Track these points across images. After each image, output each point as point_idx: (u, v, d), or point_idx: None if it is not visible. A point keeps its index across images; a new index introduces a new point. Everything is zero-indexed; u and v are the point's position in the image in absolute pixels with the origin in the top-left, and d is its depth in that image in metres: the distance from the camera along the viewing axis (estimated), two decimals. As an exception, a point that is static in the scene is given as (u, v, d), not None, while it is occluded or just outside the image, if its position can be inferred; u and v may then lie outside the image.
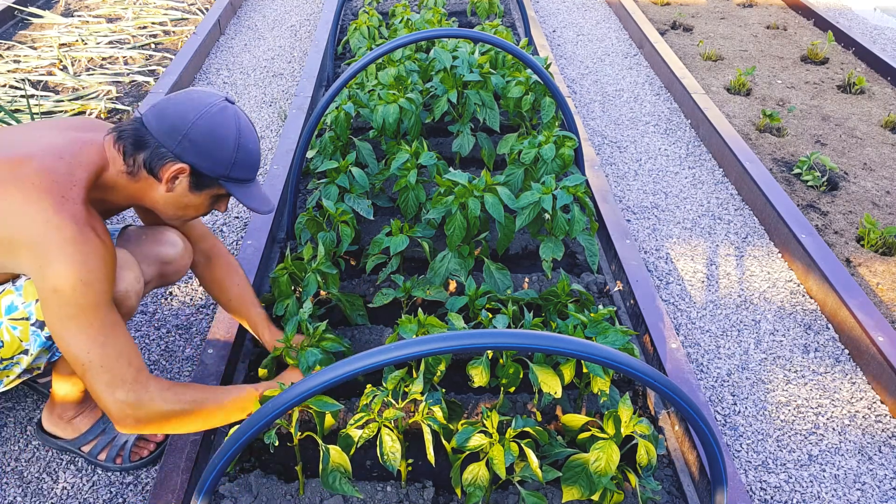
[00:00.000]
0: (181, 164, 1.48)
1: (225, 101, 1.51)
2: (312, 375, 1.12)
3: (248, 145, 1.53)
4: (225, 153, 1.49)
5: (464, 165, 3.05)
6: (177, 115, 1.46)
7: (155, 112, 1.48)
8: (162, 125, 1.46)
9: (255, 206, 1.59)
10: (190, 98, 1.49)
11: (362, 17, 3.56)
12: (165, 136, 1.45)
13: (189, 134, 1.45)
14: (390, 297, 2.08)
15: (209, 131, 1.47)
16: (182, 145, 1.46)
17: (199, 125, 1.46)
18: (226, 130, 1.49)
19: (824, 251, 2.55)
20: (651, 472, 1.52)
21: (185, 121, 1.45)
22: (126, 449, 1.83)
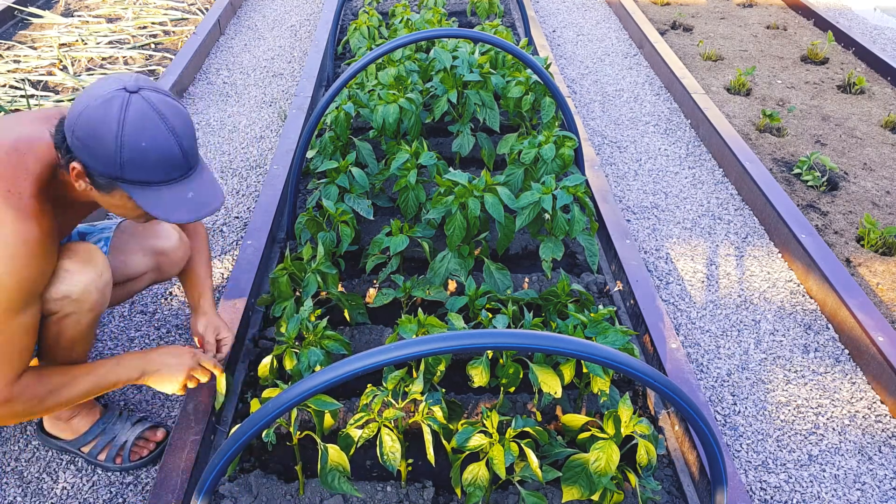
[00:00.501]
0: (77, 162, 1.34)
1: (120, 91, 1.31)
2: (312, 375, 1.12)
3: (139, 143, 1.30)
4: (107, 151, 1.30)
5: (464, 165, 3.05)
6: (72, 109, 1.32)
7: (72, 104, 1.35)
8: (67, 119, 1.34)
9: (157, 213, 1.36)
10: (89, 91, 1.33)
11: (362, 17, 3.56)
12: (66, 131, 1.33)
13: (75, 130, 1.31)
14: (390, 297, 2.08)
15: (89, 126, 1.29)
16: (73, 143, 1.32)
17: (83, 118, 1.30)
18: (105, 126, 1.28)
19: (824, 251, 2.55)
20: (651, 472, 1.52)
21: (73, 114, 1.31)
22: (126, 449, 1.83)
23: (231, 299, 2.19)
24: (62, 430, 1.82)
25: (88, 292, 1.53)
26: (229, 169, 3.15)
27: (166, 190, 1.37)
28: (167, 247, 1.80)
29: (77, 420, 1.82)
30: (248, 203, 2.93)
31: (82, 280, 1.51)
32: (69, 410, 1.80)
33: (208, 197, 1.42)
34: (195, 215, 1.39)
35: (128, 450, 1.83)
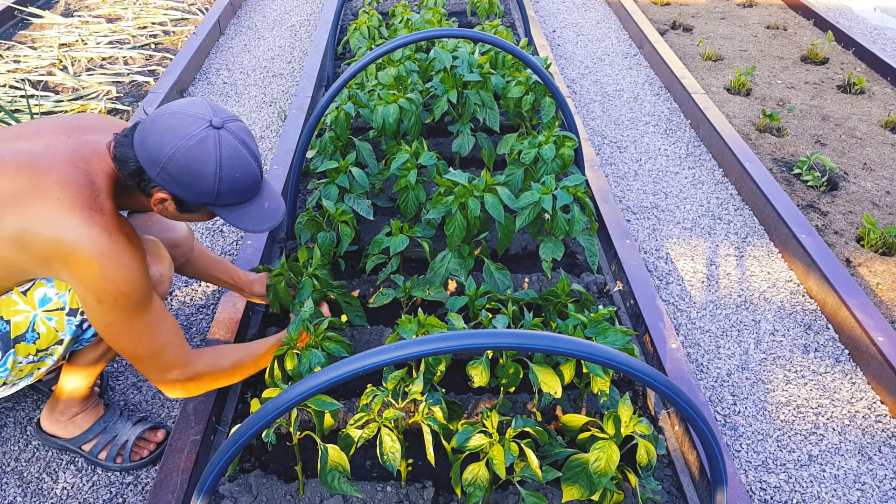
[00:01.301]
0: (163, 192, 1.46)
1: (208, 129, 1.42)
2: (312, 375, 1.12)
3: (234, 175, 1.45)
4: (205, 186, 1.43)
5: (464, 165, 3.05)
6: (156, 144, 1.40)
7: (140, 135, 1.43)
8: (143, 153, 1.42)
9: (246, 226, 1.54)
10: (171, 126, 1.41)
11: (362, 18, 3.56)
12: (146, 164, 1.42)
13: (167, 167, 1.40)
14: (390, 297, 2.08)
15: (185, 166, 1.40)
16: (161, 177, 1.42)
17: (176, 159, 1.40)
18: (203, 165, 1.41)
19: (824, 251, 2.55)
20: (651, 472, 1.52)
21: (163, 154, 1.40)
22: (126, 448, 1.83)
23: (231, 299, 2.19)
24: (63, 427, 1.83)
25: (162, 281, 1.67)
26: (229, 169, 3.15)
27: (250, 206, 1.54)
28: (179, 238, 1.91)
29: (79, 417, 1.83)
30: (248, 203, 2.93)
31: (158, 270, 1.66)
32: (76, 407, 1.81)
33: (278, 203, 1.60)
34: (273, 223, 1.57)
35: (128, 449, 1.83)
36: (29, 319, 1.51)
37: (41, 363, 1.58)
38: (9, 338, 1.50)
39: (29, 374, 1.59)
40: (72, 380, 1.75)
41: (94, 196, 1.41)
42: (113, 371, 2.12)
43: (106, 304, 1.42)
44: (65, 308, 1.53)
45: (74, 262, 1.37)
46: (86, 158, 1.45)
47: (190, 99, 1.48)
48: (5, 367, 1.52)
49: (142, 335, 1.50)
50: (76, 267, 1.38)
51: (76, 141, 1.48)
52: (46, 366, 1.60)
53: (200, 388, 1.66)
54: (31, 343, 1.53)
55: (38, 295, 1.51)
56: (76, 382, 1.76)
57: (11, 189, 1.38)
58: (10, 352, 1.51)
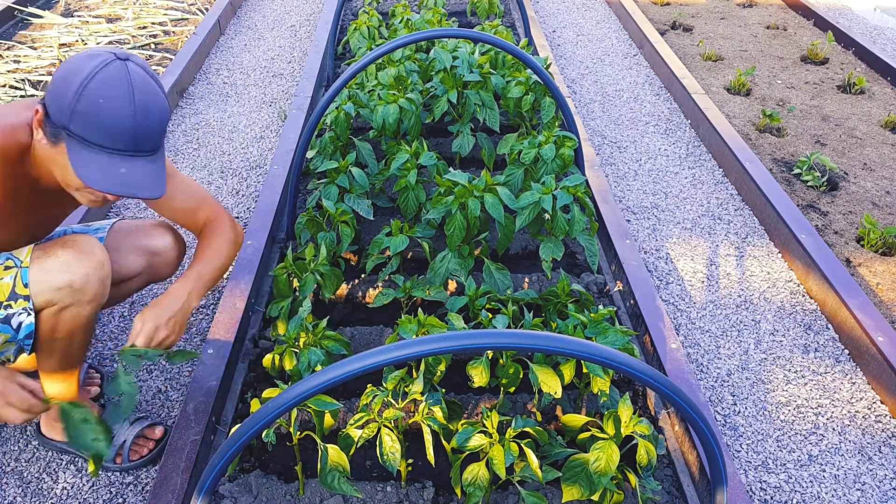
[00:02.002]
0: (40, 105, 1.35)
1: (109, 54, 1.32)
2: (312, 375, 1.12)
3: (96, 99, 1.29)
4: (66, 96, 1.29)
5: (464, 165, 3.05)
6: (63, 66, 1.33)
7: None
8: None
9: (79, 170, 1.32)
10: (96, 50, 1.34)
11: (362, 18, 3.56)
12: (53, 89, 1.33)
13: (54, 76, 1.32)
14: (390, 297, 2.08)
15: (63, 71, 1.31)
16: (47, 89, 1.34)
17: (63, 65, 1.31)
18: (76, 75, 1.29)
19: (824, 251, 2.55)
20: (651, 472, 1.52)
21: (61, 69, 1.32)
22: (125, 448, 1.83)
23: (231, 299, 2.19)
24: (60, 431, 1.82)
25: (90, 282, 1.51)
26: (229, 169, 3.15)
27: (103, 156, 1.33)
28: (160, 247, 1.80)
29: None
30: (248, 203, 2.93)
31: (83, 269, 1.50)
32: None
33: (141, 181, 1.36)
34: (113, 189, 1.34)
35: (127, 449, 1.83)
36: None
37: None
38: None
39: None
40: (51, 386, 1.70)
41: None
42: (113, 371, 2.13)
43: None
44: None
45: None
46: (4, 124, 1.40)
47: None
48: None
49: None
50: None
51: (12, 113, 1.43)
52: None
53: None
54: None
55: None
56: (57, 388, 1.71)
57: None
58: None
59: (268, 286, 2.38)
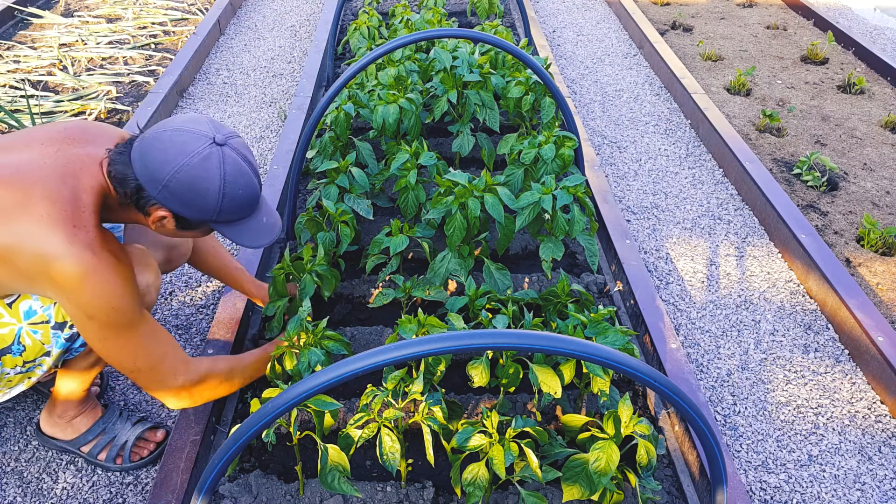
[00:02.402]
0: (163, 210, 1.44)
1: (212, 146, 1.41)
2: (312, 375, 1.12)
3: (236, 192, 1.45)
4: (208, 204, 1.43)
5: (464, 165, 3.05)
6: (158, 162, 1.39)
7: (139, 151, 1.42)
8: (144, 170, 1.40)
9: (245, 242, 1.54)
10: (174, 143, 1.40)
11: (362, 18, 3.56)
12: (147, 182, 1.40)
13: (169, 185, 1.40)
14: (390, 297, 2.08)
15: (190, 183, 1.40)
16: (163, 194, 1.41)
17: (180, 177, 1.39)
18: (208, 183, 1.41)
19: (824, 251, 2.55)
20: (651, 472, 1.52)
21: (165, 171, 1.39)
22: (126, 449, 1.83)
23: (231, 299, 2.19)
24: (62, 429, 1.83)
25: (149, 293, 1.64)
26: (229, 169, 3.15)
27: (250, 221, 1.54)
28: (176, 240, 1.92)
29: (78, 420, 1.83)
30: (248, 203, 2.93)
31: (144, 281, 1.61)
32: (73, 409, 1.81)
33: (275, 219, 1.61)
34: (271, 237, 1.57)
35: (128, 450, 1.83)
36: (14, 332, 1.50)
37: (30, 373, 1.58)
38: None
39: (19, 383, 1.59)
40: (67, 384, 1.75)
41: (78, 213, 1.39)
42: (113, 371, 2.13)
43: (97, 320, 1.41)
44: (50, 321, 1.52)
45: (59, 280, 1.36)
46: (74, 173, 1.43)
47: (191, 115, 1.47)
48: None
49: (137, 348, 1.49)
50: (61, 284, 1.37)
51: (65, 154, 1.45)
52: (36, 375, 1.60)
53: (205, 394, 1.67)
54: (17, 355, 1.52)
55: (22, 307, 1.50)
56: (71, 386, 1.75)
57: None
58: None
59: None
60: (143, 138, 1.43)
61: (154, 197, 1.42)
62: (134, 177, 1.41)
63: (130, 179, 1.42)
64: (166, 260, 1.89)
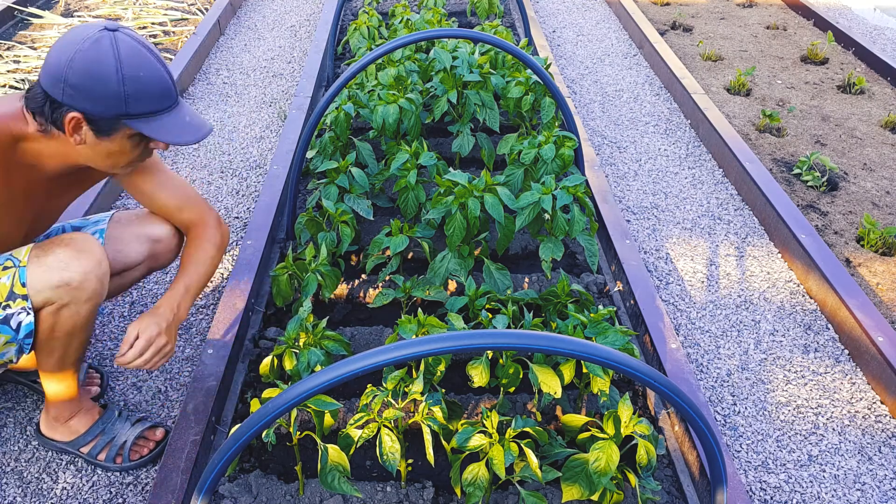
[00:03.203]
0: (74, 112, 1.38)
1: (101, 31, 1.37)
2: (312, 375, 1.12)
3: (138, 73, 1.38)
4: (109, 88, 1.36)
5: (464, 165, 3.05)
6: (54, 61, 1.36)
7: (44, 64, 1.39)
8: (46, 77, 1.37)
9: (172, 138, 1.44)
10: (65, 40, 1.37)
11: (362, 18, 3.56)
12: (51, 87, 1.37)
13: (68, 79, 1.35)
14: (390, 297, 2.08)
15: (86, 70, 1.35)
16: (66, 93, 1.36)
17: (75, 66, 1.34)
18: (103, 66, 1.35)
19: (824, 251, 2.55)
20: (651, 472, 1.52)
21: (61, 66, 1.35)
22: (126, 448, 1.83)
23: (231, 299, 2.19)
24: (60, 432, 1.82)
25: (88, 280, 1.53)
26: (229, 169, 3.15)
27: (166, 117, 1.44)
28: (162, 234, 1.84)
29: (75, 421, 1.82)
30: (247, 203, 2.93)
31: (80, 268, 1.51)
32: (67, 411, 1.80)
33: (200, 121, 1.51)
34: (198, 136, 1.47)
35: (128, 449, 1.83)
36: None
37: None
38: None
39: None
40: (50, 386, 1.73)
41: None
42: (113, 371, 2.13)
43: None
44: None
45: None
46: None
47: None
48: None
49: None
50: None
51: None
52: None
53: None
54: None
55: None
56: (56, 388, 1.73)
57: None
58: None
59: (268, 286, 2.38)
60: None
61: (60, 100, 1.37)
62: (40, 88, 1.39)
63: (38, 93, 1.40)
64: (151, 254, 1.83)
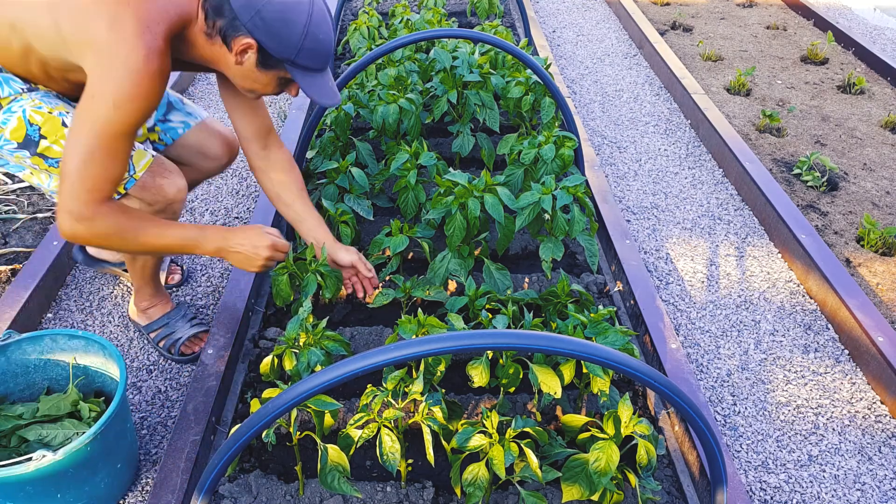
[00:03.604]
0: (250, 38, 1.53)
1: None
2: (312, 375, 1.12)
3: (318, 34, 1.56)
4: (293, 37, 1.53)
5: (464, 166, 3.05)
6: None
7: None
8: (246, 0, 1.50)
9: (316, 96, 1.63)
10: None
11: (362, 18, 3.56)
12: (241, 9, 1.50)
13: (261, 11, 1.49)
14: (390, 297, 2.08)
15: (280, 13, 1.50)
16: (254, 21, 1.50)
17: (273, 4, 1.50)
18: (297, 15, 1.52)
19: (824, 251, 2.55)
20: (651, 473, 1.52)
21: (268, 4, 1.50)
22: (178, 343, 2.16)
23: (231, 299, 2.19)
24: (138, 317, 2.21)
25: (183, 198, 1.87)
26: (229, 169, 3.15)
27: (319, 77, 1.64)
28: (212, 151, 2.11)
29: (150, 311, 2.19)
30: (247, 203, 2.93)
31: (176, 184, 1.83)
32: (146, 302, 2.16)
33: (336, 90, 1.70)
34: (333, 101, 1.66)
35: (180, 344, 2.16)
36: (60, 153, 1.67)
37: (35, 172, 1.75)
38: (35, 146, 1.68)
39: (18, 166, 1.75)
40: (135, 282, 2.13)
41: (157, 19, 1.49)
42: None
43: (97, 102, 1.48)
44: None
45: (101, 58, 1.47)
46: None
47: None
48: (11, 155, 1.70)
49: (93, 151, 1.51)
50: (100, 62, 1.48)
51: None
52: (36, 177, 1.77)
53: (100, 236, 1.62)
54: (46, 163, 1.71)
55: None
56: (138, 284, 2.12)
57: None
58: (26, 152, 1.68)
59: (268, 286, 2.38)
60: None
61: (245, 24, 1.50)
62: (230, 5, 1.50)
63: (227, 7, 1.51)
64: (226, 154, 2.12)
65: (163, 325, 2.18)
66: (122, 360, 1.70)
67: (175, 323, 2.19)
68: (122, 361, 1.69)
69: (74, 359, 1.82)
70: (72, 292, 2.44)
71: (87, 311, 2.36)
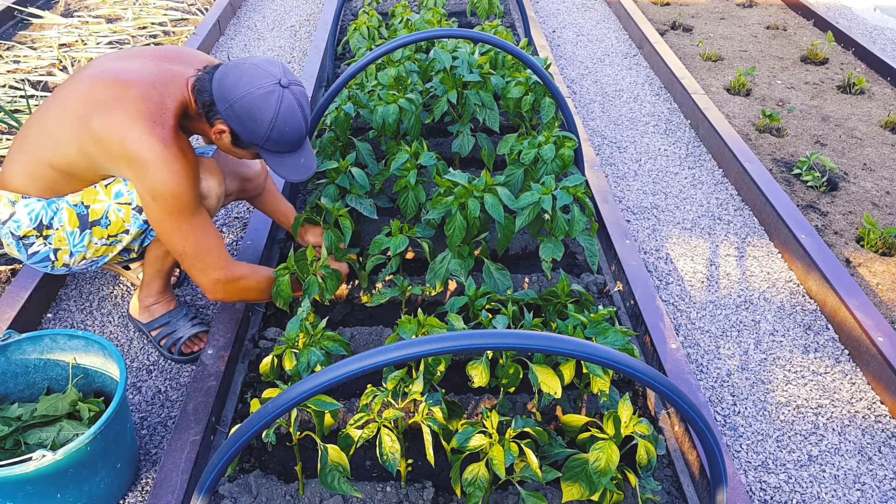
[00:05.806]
0: (224, 126, 1.76)
1: (276, 85, 1.72)
2: (312, 375, 1.12)
3: (284, 128, 1.75)
4: (260, 130, 1.74)
5: (464, 166, 3.05)
6: (230, 85, 1.71)
7: (219, 75, 1.74)
8: (219, 89, 1.72)
9: (282, 173, 1.83)
10: (247, 74, 1.72)
11: (362, 18, 3.56)
12: (219, 99, 1.73)
13: (234, 106, 1.71)
14: (387, 295, 2.08)
15: (249, 109, 1.71)
16: (227, 113, 1.73)
17: (243, 102, 1.70)
18: (264, 113, 1.72)
19: (824, 251, 2.55)
20: (651, 473, 1.52)
21: (234, 94, 1.71)
22: (179, 342, 2.16)
23: (231, 299, 2.19)
24: (140, 314, 2.21)
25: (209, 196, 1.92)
26: (229, 169, 3.15)
27: (289, 157, 1.84)
28: (252, 174, 2.23)
29: (153, 308, 2.19)
30: (247, 203, 2.93)
31: (206, 185, 1.91)
32: (151, 298, 2.18)
33: (311, 162, 1.90)
34: (304, 176, 1.87)
35: (181, 343, 2.16)
36: (104, 208, 1.84)
37: (112, 247, 1.91)
38: (87, 220, 1.85)
39: (103, 255, 1.93)
40: (147, 275, 2.12)
41: (160, 113, 1.71)
42: None
43: (158, 202, 1.73)
44: (132, 204, 1.85)
45: (134, 163, 1.70)
46: (164, 83, 1.76)
47: (269, 57, 1.80)
48: (83, 244, 1.88)
49: (188, 234, 1.79)
50: (135, 167, 1.70)
51: (161, 68, 1.80)
52: (116, 250, 1.92)
53: (237, 293, 1.96)
54: (104, 228, 1.86)
55: (114, 189, 1.84)
56: (149, 278, 2.12)
57: (102, 97, 1.72)
58: (87, 231, 1.86)
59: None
60: (226, 64, 1.78)
61: (220, 112, 1.73)
62: (210, 92, 1.74)
63: (206, 93, 1.75)
64: (240, 189, 2.21)
65: (164, 323, 2.19)
66: (122, 360, 1.70)
67: (177, 322, 2.20)
68: (121, 361, 1.70)
69: (74, 359, 1.82)
70: (72, 292, 2.44)
71: (87, 311, 2.37)
